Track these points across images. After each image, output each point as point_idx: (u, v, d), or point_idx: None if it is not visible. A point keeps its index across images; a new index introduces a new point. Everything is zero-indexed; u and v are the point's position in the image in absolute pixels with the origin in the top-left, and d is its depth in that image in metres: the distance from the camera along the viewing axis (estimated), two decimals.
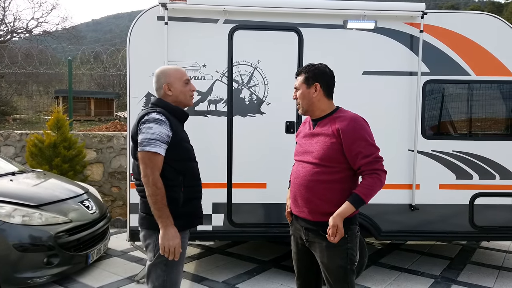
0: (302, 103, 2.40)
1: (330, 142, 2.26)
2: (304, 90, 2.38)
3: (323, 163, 2.26)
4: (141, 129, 2.22)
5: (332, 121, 2.31)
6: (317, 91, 2.36)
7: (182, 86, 2.38)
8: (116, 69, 9.75)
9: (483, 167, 4.06)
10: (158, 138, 2.18)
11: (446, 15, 4.12)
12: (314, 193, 2.29)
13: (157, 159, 2.17)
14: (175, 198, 2.24)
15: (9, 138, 6.68)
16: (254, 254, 4.88)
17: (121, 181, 6.56)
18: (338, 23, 3.97)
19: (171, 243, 2.15)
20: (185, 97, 2.40)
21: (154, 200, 2.15)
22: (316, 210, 2.30)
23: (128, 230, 3.95)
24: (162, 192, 2.15)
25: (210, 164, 3.78)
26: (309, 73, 2.38)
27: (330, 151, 2.25)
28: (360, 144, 2.21)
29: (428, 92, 4.04)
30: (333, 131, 2.26)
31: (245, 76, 3.97)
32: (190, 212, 2.34)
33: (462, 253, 5.04)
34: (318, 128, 2.35)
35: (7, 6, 21.16)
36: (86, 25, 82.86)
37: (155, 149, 2.16)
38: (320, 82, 2.36)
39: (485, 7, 36.86)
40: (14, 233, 3.54)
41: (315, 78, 2.36)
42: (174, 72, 2.39)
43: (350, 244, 2.29)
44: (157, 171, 2.17)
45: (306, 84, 2.37)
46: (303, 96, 2.38)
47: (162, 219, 2.16)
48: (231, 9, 3.88)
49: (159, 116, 2.22)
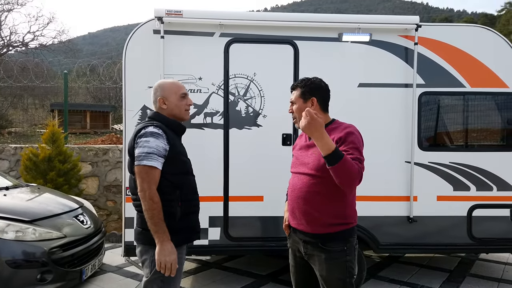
0: (299, 117, 2.38)
1: None
2: (301, 105, 2.38)
3: (319, 174, 2.24)
4: (138, 143, 2.21)
5: (328, 132, 2.30)
6: (313, 105, 2.36)
7: (178, 100, 2.37)
8: (112, 82, 9.76)
9: (480, 179, 4.05)
10: (155, 152, 2.16)
11: (440, 28, 4.16)
12: (311, 205, 2.27)
13: (154, 173, 2.16)
14: (172, 213, 2.21)
15: (4, 152, 6.62)
16: (251, 269, 4.82)
17: (117, 195, 6.50)
18: (334, 36, 4.00)
19: (167, 259, 2.12)
20: (179, 110, 2.38)
21: (150, 215, 2.13)
22: (314, 222, 2.28)
23: (124, 245, 3.89)
24: (159, 206, 2.13)
25: (206, 177, 3.75)
26: (305, 87, 2.38)
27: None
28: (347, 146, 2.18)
29: (424, 104, 4.06)
30: None
31: (241, 89, 3.97)
32: (187, 227, 2.31)
33: (461, 266, 5.00)
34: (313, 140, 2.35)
35: (4, 20, 21.21)
36: (83, 38, 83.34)
37: (152, 163, 2.15)
38: (316, 96, 2.37)
39: (478, 19, 37.49)
40: (7, 249, 3.47)
41: (311, 92, 2.37)
42: (170, 85, 2.39)
43: (349, 257, 2.27)
44: (154, 185, 2.15)
45: (303, 99, 2.38)
46: (300, 110, 2.37)
47: (159, 234, 2.13)
48: (227, 23, 3.90)
49: (156, 130, 2.21)
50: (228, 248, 4.04)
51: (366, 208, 3.82)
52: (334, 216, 2.25)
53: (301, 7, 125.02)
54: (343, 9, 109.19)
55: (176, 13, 3.83)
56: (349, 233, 2.28)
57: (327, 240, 2.25)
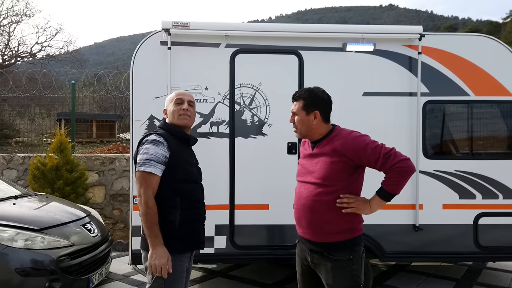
0: (301, 129, 2.41)
1: (331, 161, 2.27)
2: (303, 117, 2.38)
3: (325, 183, 2.26)
4: (139, 150, 2.30)
5: (330, 141, 2.34)
6: (316, 118, 2.36)
7: (172, 106, 2.43)
8: (118, 92, 9.85)
9: (485, 187, 4.05)
10: (154, 159, 2.22)
11: (444, 37, 4.20)
12: (317, 214, 2.28)
13: (151, 179, 2.21)
14: (171, 220, 2.25)
15: (12, 162, 6.70)
16: (257, 277, 4.82)
17: (123, 204, 6.55)
18: (338, 46, 4.04)
19: (157, 262, 2.15)
20: (173, 116, 2.42)
21: (144, 219, 2.19)
22: (320, 230, 2.29)
23: (130, 253, 3.92)
24: (153, 211, 2.18)
25: (212, 186, 3.76)
26: (308, 100, 2.38)
27: (331, 170, 2.26)
28: (365, 153, 2.22)
29: (429, 112, 4.08)
30: (332, 150, 2.28)
31: (247, 98, 4.02)
32: (188, 235, 2.32)
33: (468, 274, 4.97)
34: (317, 149, 2.37)
35: (12, 31, 21.55)
36: (89, 49, 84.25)
37: (150, 169, 2.20)
38: (319, 109, 2.37)
39: (483, 27, 37.43)
40: (16, 257, 3.51)
41: (314, 105, 2.37)
42: (170, 96, 2.50)
43: (355, 266, 2.27)
44: (150, 190, 2.20)
45: (305, 111, 2.37)
46: (302, 122, 2.39)
47: (151, 238, 2.18)
48: (233, 34, 3.96)
49: (156, 137, 2.28)
50: (234, 257, 4.05)
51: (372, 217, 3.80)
52: (340, 225, 2.26)
53: (305, 16, 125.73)
54: (347, 17, 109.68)
55: (183, 25, 3.90)
56: (355, 242, 2.29)
57: (333, 249, 2.26)
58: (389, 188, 2.23)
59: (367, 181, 2.36)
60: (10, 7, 20.89)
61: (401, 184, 2.22)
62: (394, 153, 2.21)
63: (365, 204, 2.28)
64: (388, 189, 2.23)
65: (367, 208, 2.27)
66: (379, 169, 2.24)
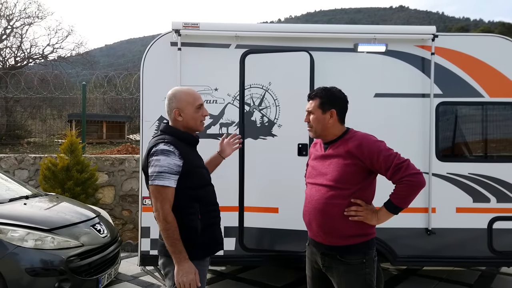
0: (316, 128, 2.38)
1: (344, 163, 2.23)
2: (319, 116, 2.35)
3: (338, 185, 2.22)
4: (150, 162, 2.19)
5: (344, 142, 2.29)
6: (332, 117, 2.33)
7: (194, 112, 2.30)
8: (129, 93, 9.91)
9: (500, 190, 3.96)
10: (167, 171, 2.13)
11: (457, 38, 4.13)
12: (329, 217, 2.24)
13: (166, 192, 2.13)
14: (194, 227, 2.20)
15: (23, 162, 6.77)
16: (266, 280, 4.78)
17: (132, 204, 6.56)
18: (349, 47, 4.00)
19: (185, 279, 2.10)
20: (195, 123, 2.33)
21: (165, 235, 2.13)
22: (332, 234, 2.25)
23: (139, 254, 3.91)
24: (173, 226, 2.12)
25: (221, 187, 3.71)
26: (324, 98, 2.35)
27: (344, 173, 2.22)
28: (377, 160, 2.18)
29: (442, 114, 4.01)
30: (346, 151, 2.24)
31: (257, 99, 3.99)
32: (209, 239, 2.29)
33: (481, 279, 4.87)
34: (330, 150, 2.33)
35: (24, 33, 21.82)
36: (100, 50, 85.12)
37: (164, 182, 2.13)
38: (336, 108, 2.34)
39: (495, 28, 36.97)
40: (27, 257, 3.53)
41: (331, 104, 2.34)
42: (185, 96, 2.30)
43: (368, 269, 2.23)
44: (167, 204, 2.13)
45: (322, 110, 2.34)
46: (318, 121, 2.36)
47: (176, 255, 2.12)
48: (243, 34, 3.94)
49: (166, 147, 2.16)
50: (243, 259, 4.02)
51: None
52: (353, 228, 2.22)
53: (314, 17, 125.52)
54: (357, 19, 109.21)
55: (193, 25, 3.90)
56: (368, 245, 2.25)
57: (345, 252, 2.22)
58: (396, 201, 2.19)
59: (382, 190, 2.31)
60: (23, 9, 21.18)
61: (409, 198, 2.18)
62: (406, 165, 2.16)
63: (373, 215, 2.24)
64: (395, 201, 2.19)
65: (374, 218, 2.23)
66: (389, 179, 2.21)
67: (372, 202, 2.32)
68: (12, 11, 19.81)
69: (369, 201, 2.30)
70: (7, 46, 20.12)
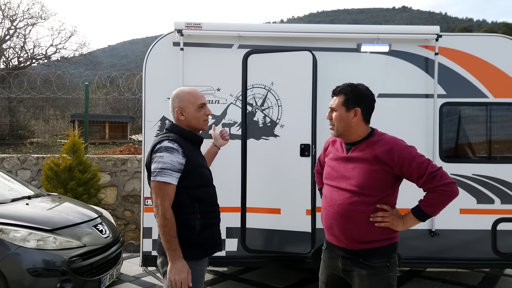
0: (338, 126, 2.23)
1: (371, 169, 2.11)
2: (343, 113, 2.20)
3: (363, 191, 2.11)
4: (153, 158, 2.20)
5: (370, 146, 2.16)
6: (356, 116, 2.20)
7: (196, 111, 2.31)
8: (131, 93, 9.91)
9: (504, 191, 3.94)
10: (169, 167, 2.14)
11: (461, 38, 4.11)
12: (353, 223, 2.14)
13: (167, 189, 2.14)
14: (192, 226, 2.20)
15: (26, 162, 6.78)
16: (268, 281, 4.76)
17: (134, 205, 6.56)
18: (352, 47, 3.98)
19: (177, 277, 2.10)
20: (197, 122, 2.33)
21: (162, 231, 2.13)
22: (355, 239, 2.15)
23: (141, 255, 3.91)
24: (171, 223, 2.12)
25: (224, 188, 3.72)
26: (349, 95, 2.21)
27: (371, 179, 2.11)
28: (409, 167, 2.07)
29: (445, 115, 3.99)
30: (374, 156, 2.12)
31: (259, 99, 3.98)
32: (207, 239, 2.28)
33: (485, 281, 4.83)
34: (354, 153, 2.19)
35: (28, 34, 21.91)
36: (103, 51, 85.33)
37: (165, 178, 2.13)
38: (361, 106, 2.20)
39: (498, 29, 36.83)
40: (29, 257, 3.52)
41: (356, 102, 2.20)
42: (187, 95, 2.33)
43: (391, 273, 2.16)
44: (167, 201, 2.13)
45: (345, 107, 2.20)
46: (341, 119, 2.21)
47: (170, 252, 2.12)
48: (246, 34, 3.93)
49: (170, 144, 2.18)
50: (245, 260, 4.01)
51: None
52: (377, 233, 2.13)
53: (317, 18, 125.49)
54: (360, 19, 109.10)
55: (196, 25, 3.89)
56: (392, 248, 2.17)
57: (369, 255, 2.14)
58: (427, 209, 2.09)
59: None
60: (26, 9, 21.24)
61: (441, 207, 2.09)
62: (441, 174, 2.06)
63: (399, 220, 2.14)
64: (425, 209, 2.09)
65: (400, 224, 2.14)
66: (420, 187, 2.10)
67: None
68: (15, 12, 19.91)
69: (394, 205, 2.21)
70: (10, 46, 20.22)
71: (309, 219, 3.77)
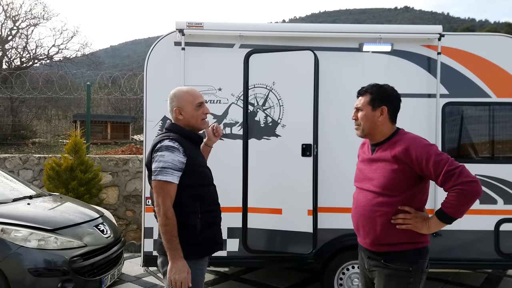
0: (364, 126, 2.22)
1: (391, 169, 2.09)
2: (369, 112, 2.20)
3: (385, 192, 2.09)
4: (154, 157, 2.20)
5: (391, 145, 2.15)
6: (383, 114, 2.19)
7: (194, 110, 2.33)
8: (133, 94, 9.91)
9: (507, 192, 3.91)
10: (171, 166, 2.14)
11: (464, 37, 4.08)
12: (375, 224, 2.12)
13: (169, 188, 2.14)
14: (193, 225, 2.20)
15: (28, 162, 6.79)
16: (269, 281, 4.75)
17: (136, 205, 6.56)
18: (354, 46, 3.96)
19: (177, 277, 2.10)
20: (196, 121, 2.34)
21: (163, 231, 2.13)
22: (378, 241, 2.14)
23: (142, 255, 3.90)
24: (172, 222, 2.12)
25: (225, 188, 3.72)
26: (375, 94, 2.22)
27: (391, 179, 2.09)
28: (426, 165, 2.02)
29: (448, 114, 3.97)
30: (393, 156, 2.10)
31: (260, 99, 3.96)
32: (208, 239, 2.28)
33: (487, 282, 4.82)
34: (377, 154, 2.20)
35: (30, 34, 21.97)
36: (105, 51, 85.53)
37: (167, 177, 2.13)
38: (387, 105, 2.20)
39: (501, 29, 36.76)
40: (30, 257, 3.53)
41: (382, 100, 2.20)
42: (185, 95, 2.34)
43: (413, 279, 2.08)
44: (169, 200, 2.13)
45: (371, 106, 2.20)
46: (366, 118, 2.20)
47: (171, 251, 2.12)
48: (247, 34, 3.92)
49: (171, 143, 2.19)
50: (246, 260, 3.99)
51: None
52: (399, 236, 2.09)
53: (319, 18, 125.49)
54: (362, 20, 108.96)
55: (197, 25, 3.88)
56: (418, 253, 2.11)
57: (390, 258, 2.11)
58: (448, 210, 2.00)
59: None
60: (29, 10, 21.33)
61: (462, 208, 1.98)
62: (459, 171, 1.96)
63: (423, 223, 2.06)
64: (447, 210, 2.00)
65: (424, 227, 2.06)
66: (440, 186, 2.04)
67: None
68: (18, 12, 19.98)
69: (421, 207, 2.15)
70: (12, 46, 20.29)
71: (310, 220, 3.76)
